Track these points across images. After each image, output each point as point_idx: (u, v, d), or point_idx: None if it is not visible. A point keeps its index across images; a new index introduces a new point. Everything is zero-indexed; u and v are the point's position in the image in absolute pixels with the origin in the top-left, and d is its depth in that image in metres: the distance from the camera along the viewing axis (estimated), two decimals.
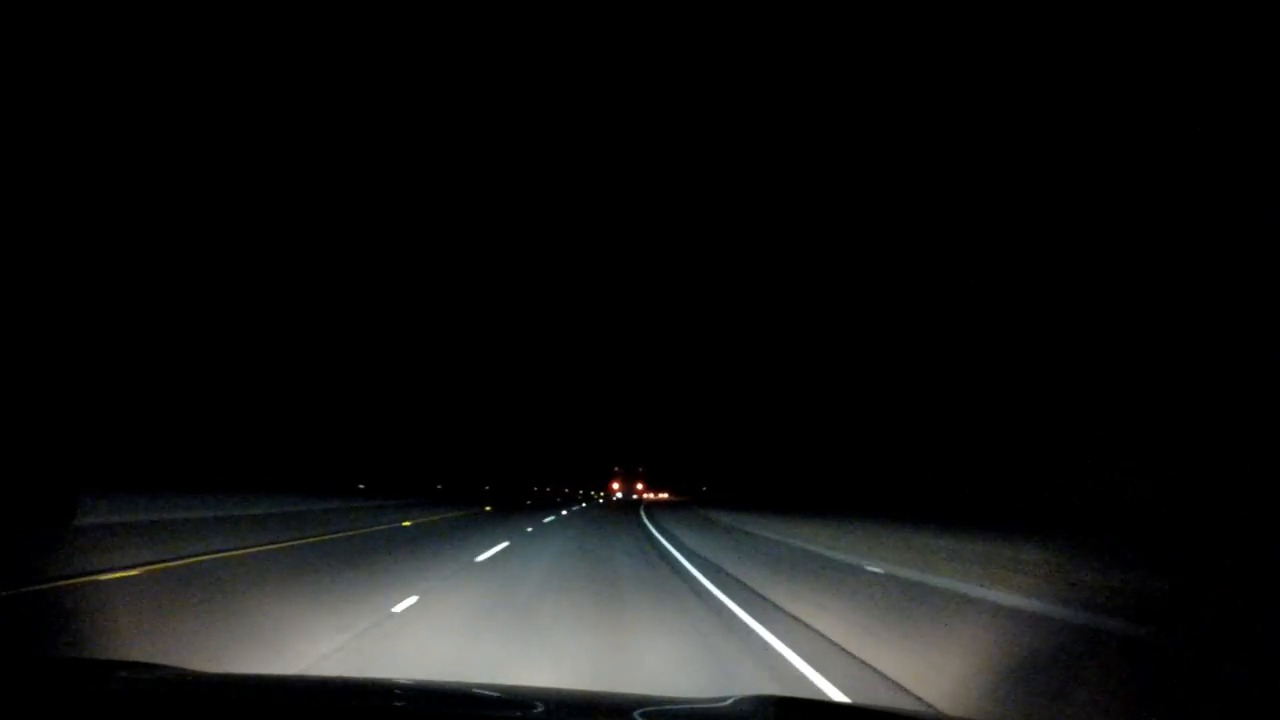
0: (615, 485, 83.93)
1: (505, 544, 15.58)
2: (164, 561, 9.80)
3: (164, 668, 2.42)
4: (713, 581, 10.63)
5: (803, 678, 5.39)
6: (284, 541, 13.68)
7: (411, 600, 7.82)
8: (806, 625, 7.39)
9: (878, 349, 47.48)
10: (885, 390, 45.80)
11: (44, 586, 7.72)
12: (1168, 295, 24.13)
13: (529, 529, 21.44)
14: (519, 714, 2.08)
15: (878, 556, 14.02)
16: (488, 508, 37.33)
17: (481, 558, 12.64)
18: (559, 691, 3.16)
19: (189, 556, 10.47)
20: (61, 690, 1.92)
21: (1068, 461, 25.80)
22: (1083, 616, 7.64)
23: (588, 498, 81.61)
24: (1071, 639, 6.84)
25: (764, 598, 9.08)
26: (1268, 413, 18.75)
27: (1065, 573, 10.78)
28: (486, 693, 2.37)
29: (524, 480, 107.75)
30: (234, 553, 11.27)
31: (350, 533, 16.82)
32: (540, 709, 2.15)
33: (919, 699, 4.83)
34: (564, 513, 36.93)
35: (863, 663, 5.85)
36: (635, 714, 2.05)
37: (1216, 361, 21.57)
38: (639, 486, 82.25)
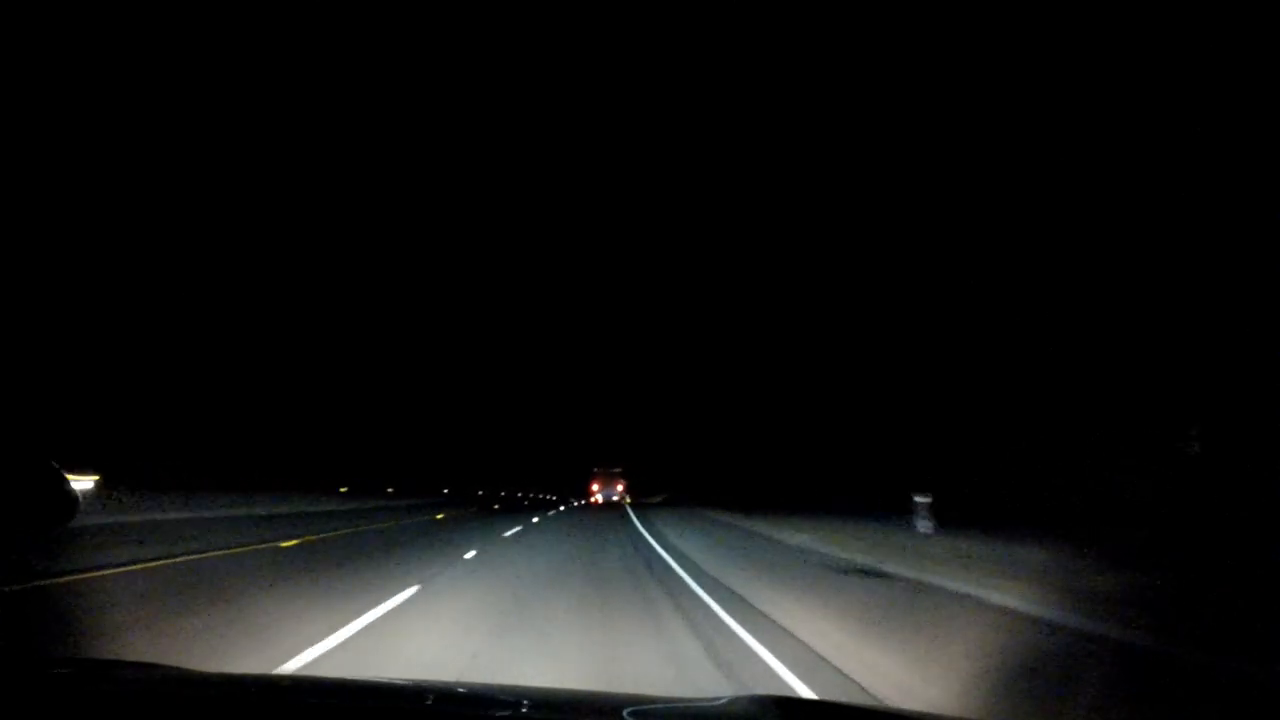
0: (595, 486, 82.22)
1: (436, 576, 10.31)
2: None
3: (164, 667, 2.44)
4: None
5: None
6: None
7: None
8: None
9: (874, 346, 47.44)
10: (882, 388, 45.81)
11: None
12: (1168, 294, 24.15)
13: (467, 555, 13.81)
14: (511, 713, 2.09)
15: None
16: (439, 515, 30.59)
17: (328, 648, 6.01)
18: (553, 691, 3.18)
19: None
20: (62, 690, 1.93)
21: (1068, 461, 25.82)
22: (1083, 619, 7.65)
23: (565, 500, 79.65)
24: (1072, 640, 6.85)
25: None
26: (1267, 413, 18.77)
27: (1067, 574, 10.79)
28: (481, 692, 2.38)
29: (496, 481, 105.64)
30: None
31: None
32: (531, 708, 2.16)
33: None
34: (535, 520, 29.03)
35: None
36: (625, 713, 2.06)
37: (1216, 361, 21.59)
38: (619, 487, 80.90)
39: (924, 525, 17.64)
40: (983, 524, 18.56)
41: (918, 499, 18.10)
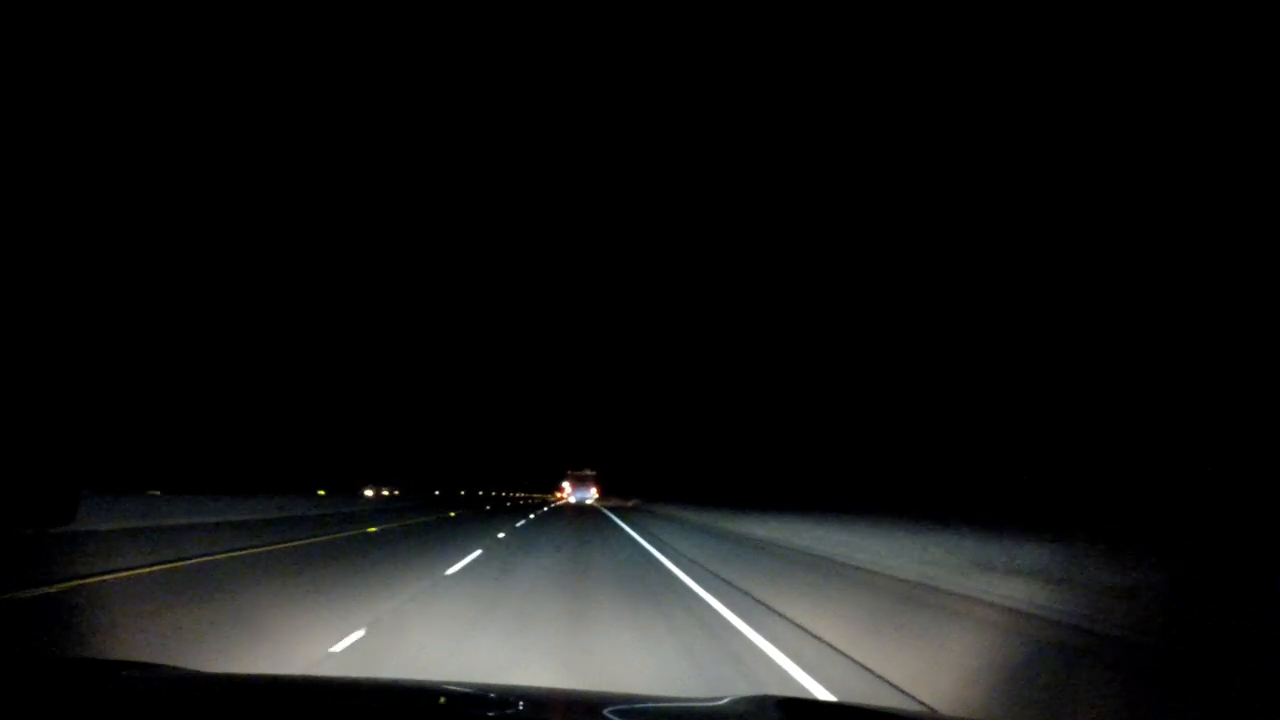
0: (566, 487, 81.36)
1: None
2: None
3: (164, 667, 2.44)
4: None
5: None
6: None
7: None
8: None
9: (874, 348, 47.37)
10: (882, 388, 45.76)
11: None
12: (1168, 293, 24.14)
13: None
14: (495, 713, 2.08)
15: None
16: (371, 528, 22.64)
17: None
18: (536, 690, 3.19)
19: None
20: (63, 690, 1.93)
21: (1067, 461, 25.81)
22: (1081, 617, 7.65)
23: (535, 504, 78.29)
24: (1070, 640, 6.85)
25: None
26: (1268, 412, 18.76)
27: (1064, 572, 10.79)
28: (462, 691, 2.39)
29: (463, 482, 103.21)
30: None
31: None
32: (511, 706, 2.16)
33: None
34: (519, 524, 23.48)
35: None
36: (605, 712, 2.03)
37: (1216, 360, 21.58)
38: (592, 490, 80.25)
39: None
40: (977, 523, 18.58)
41: None
